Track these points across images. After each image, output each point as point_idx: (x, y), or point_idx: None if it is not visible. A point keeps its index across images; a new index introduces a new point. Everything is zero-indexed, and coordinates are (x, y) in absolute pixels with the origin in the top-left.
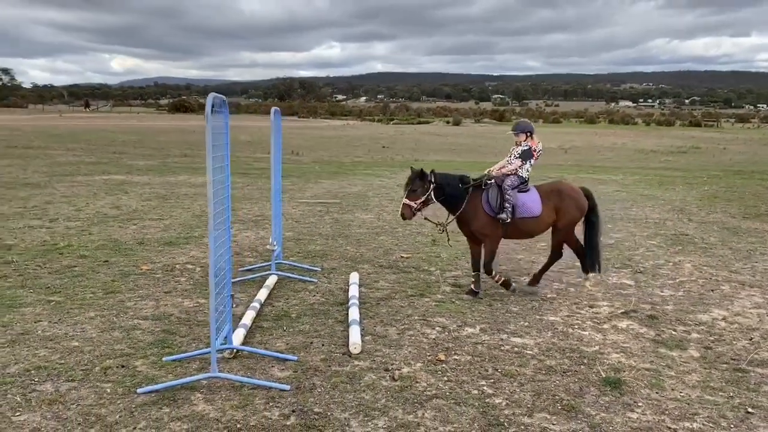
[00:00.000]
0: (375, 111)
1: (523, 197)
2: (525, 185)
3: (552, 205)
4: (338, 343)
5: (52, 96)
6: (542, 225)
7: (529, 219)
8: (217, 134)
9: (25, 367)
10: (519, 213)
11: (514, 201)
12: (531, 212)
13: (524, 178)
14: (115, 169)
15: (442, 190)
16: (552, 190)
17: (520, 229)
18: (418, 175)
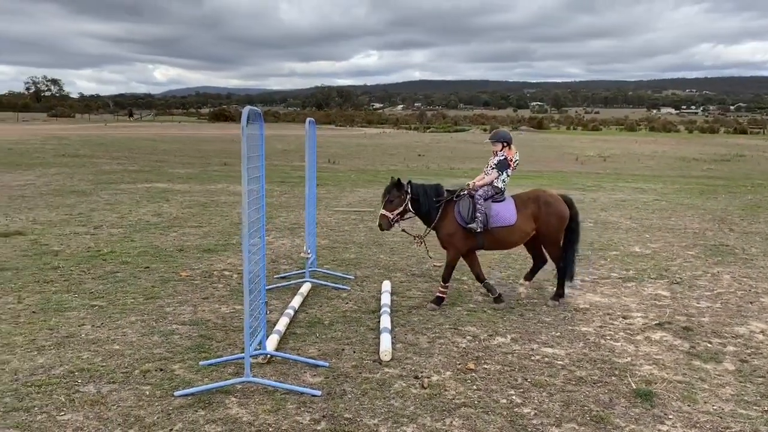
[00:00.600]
0: (411, 119)
1: (498, 207)
2: (501, 195)
3: (529, 213)
4: (369, 350)
5: (98, 106)
6: (518, 234)
7: (504, 228)
8: (253, 145)
9: (70, 368)
10: (492, 223)
11: (488, 211)
12: (505, 221)
13: (500, 188)
14: (156, 177)
15: (418, 201)
16: (529, 198)
17: (496, 239)
18: (395, 185)
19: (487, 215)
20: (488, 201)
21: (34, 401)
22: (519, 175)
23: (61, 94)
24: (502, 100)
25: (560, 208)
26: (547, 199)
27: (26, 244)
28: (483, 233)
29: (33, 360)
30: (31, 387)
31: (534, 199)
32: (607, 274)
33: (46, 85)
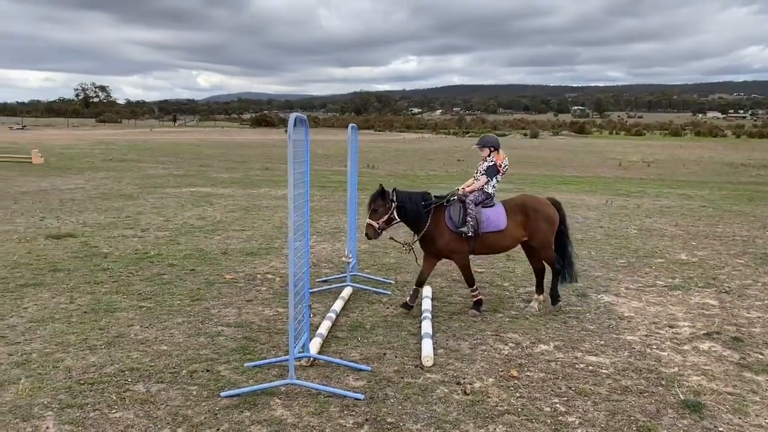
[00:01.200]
0: (450, 124)
1: (488, 212)
2: (490, 200)
3: (519, 219)
4: (411, 355)
5: (143, 111)
6: (509, 239)
7: (494, 233)
8: (298, 151)
9: (120, 368)
10: (483, 228)
11: (478, 216)
12: (496, 226)
13: (490, 193)
14: (201, 182)
15: (404, 209)
16: (517, 203)
17: (487, 244)
18: (380, 194)
19: (478, 220)
20: (479, 206)
21: (87, 399)
22: (559, 180)
23: (109, 100)
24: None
25: (549, 212)
26: (535, 204)
27: (77, 245)
28: (474, 238)
29: (85, 359)
30: (84, 385)
31: (522, 205)
32: (653, 282)
33: (95, 91)
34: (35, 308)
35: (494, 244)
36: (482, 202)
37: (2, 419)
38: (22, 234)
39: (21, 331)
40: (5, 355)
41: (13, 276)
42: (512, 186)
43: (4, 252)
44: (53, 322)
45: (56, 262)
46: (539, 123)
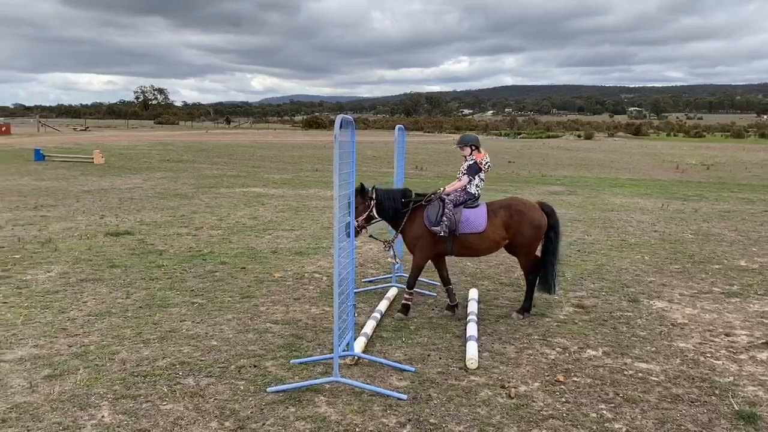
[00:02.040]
0: (501, 125)
1: (468, 213)
2: (474, 201)
3: (500, 221)
4: (455, 357)
5: (199, 113)
6: (488, 242)
7: (473, 235)
8: (344, 152)
9: (171, 361)
10: (462, 229)
11: (458, 217)
12: (474, 228)
13: (473, 193)
14: (253, 182)
15: (383, 207)
16: (502, 205)
17: (466, 245)
18: (359, 191)
19: (457, 221)
20: (459, 207)
21: (140, 390)
22: (612, 182)
23: (167, 102)
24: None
25: (533, 216)
26: (519, 207)
27: (134, 243)
28: (452, 239)
29: (139, 352)
30: (137, 377)
31: (506, 207)
32: (708, 289)
33: (153, 94)
34: (94, 302)
35: (473, 246)
36: (464, 202)
37: (62, 407)
38: (83, 231)
39: (80, 323)
40: (65, 346)
41: (74, 271)
42: (564, 188)
43: (66, 248)
44: (110, 316)
45: (114, 258)
46: (594, 124)
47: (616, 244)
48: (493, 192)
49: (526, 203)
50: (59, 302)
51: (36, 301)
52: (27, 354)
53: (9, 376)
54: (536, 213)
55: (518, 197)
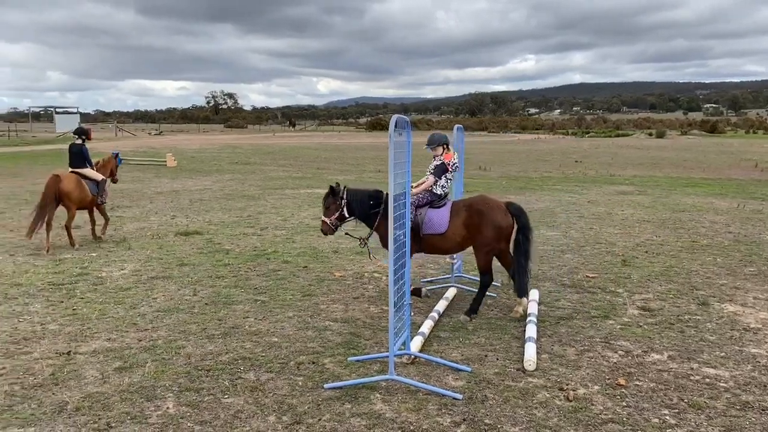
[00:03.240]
0: (569, 124)
1: (432, 214)
2: (440, 201)
3: (461, 221)
4: (513, 358)
5: (267, 117)
6: (450, 242)
7: (435, 236)
8: (400, 152)
9: (234, 356)
10: (425, 230)
11: (421, 218)
12: (436, 230)
13: (438, 194)
14: (317, 183)
15: (352, 207)
16: (465, 205)
17: (430, 245)
18: (330, 192)
19: (420, 222)
20: (425, 207)
21: (203, 384)
22: (685, 182)
23: (236, 106)
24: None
25: (495, 217)
26: (480, 207)
27: (203, 242)
28: (419, 239)
29: (204, 347)
30: (201, 371)
31: (468, 207)
32: None
33: (223, 98)
34: (163, 299)
35: (438, 245)
36: (429, 203)
37: (130, 398)
38: (155, 231)
39: (150, 319)
40: (135, 340)
41: (145, 269)
42: (633, 188)
43: (139, 247)
44: (178, 312)
45: (183, 257)
46: (666, 122)
47: (687, 245)
48: (559, 192)
49: (489, 203)
50: (131, 298)
51: (110, 297)
52: (100, 347)
53: (83, 367)
54: (498, 214)
55: (485, 196)
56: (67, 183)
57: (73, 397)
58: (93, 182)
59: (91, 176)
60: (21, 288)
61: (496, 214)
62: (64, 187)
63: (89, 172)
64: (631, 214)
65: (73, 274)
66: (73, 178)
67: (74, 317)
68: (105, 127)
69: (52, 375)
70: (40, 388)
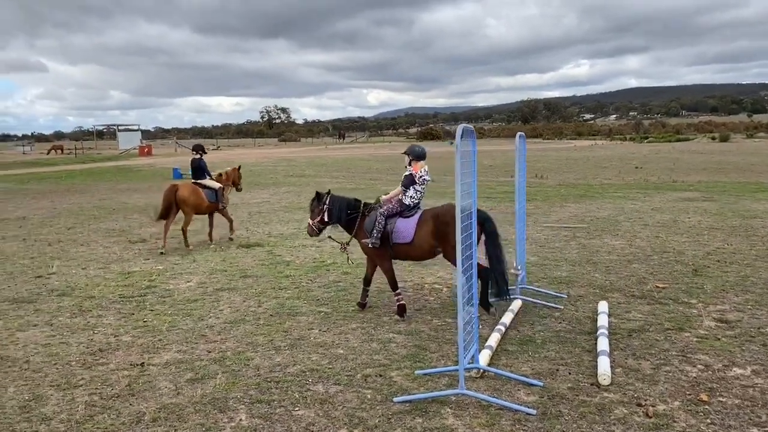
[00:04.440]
0: (626, 129)
1: (400, 224)
2: (410, 211)
3: (429, 230)
4: (586, 372)
5: (319, 130)
6: (418, 251)
7: (404, 245)
8: (465, 162)
9: (301, 368)
10: (393, 239)
11: (391, 227)
12: (403, 239)
13: (407, 204)
14: (370, 194)
15: (332, 212)
16: (432, 215)
17: (401, 252)
18: (315, 197)
19: (390, 231)
20: (395, 217)
21: (274, 395)
22: (754, 187)
23: (289, 120)
24: (733, 105)
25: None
26: (447, 217)
27: (263, 254)
28: (390, 246)
29: (271, 358)
30: (270, 382)
31: (435, 216)
32: None
33: (277, 113)
34: (229, 310)
35: (408, 253)
36: (399, 213)
37: (203, 409)
38: (217, 243)
39: (218, 330)
40: (205, 351)
41: (210, 281)
42: (699, 194)
43: (203, 260)
44: (244, 324)
45: (246, 269)
46: (729, 125)
47: (762, 253)
48: (621, 200)
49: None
50: (198, 310)
51: (178, 309)
52: (172, 358)
53: (157, 379)
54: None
55: (452, 205)
56: (182, 191)
57: (149, 408)
58: (211, 191)
59: (209, 185)
60: (94, 301)
61: None
62: (179, 195)
63: (207, 182)
64: (699, 221)
65: (142, 286)
66: (188, 187)
67: (145, 329)
68: (165, 143)
69: (128, 386)
70: (118, 399)
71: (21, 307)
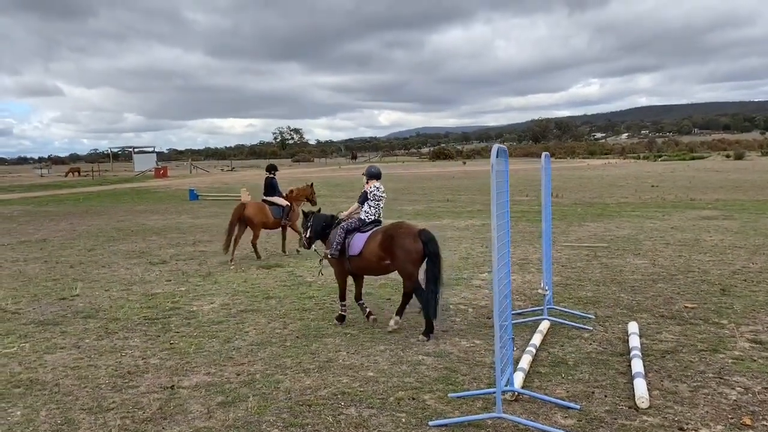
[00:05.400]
0: (639, 148)
1: (356, 238)
2: (366, 226)
3: (376, 243)
4: (622, 395)
5: (331, 150)
6: (367, 263)
7: (355, 258)
8: (500, 181)
9: (333, 391)
10: (348, 252)
11: (348, 241)
12: (353, 252)
13: (363, 219)
14: (387, 214)
15: (314, 228)
16: (382, 229)
17: (356, 266)
18: (304, 215)
19: (347, 245)
20: (353, 232)
21: (306, 419)
22: (762, 207)
23: (302, 141)
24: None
25: (403, 242)
26: (391, 232)
27: (285, 275)
28: (348, 259)
29: (301, 381)
30: (302, 406)
31: (383, 232)
32: None
33: (290, 134)
34: (255, 332)
35: (358, 266)
36: (357, 228)
37: None
38: (238, 264)
39: (245, 353)
40: (234, 374)
41: (233, 302)
42: (718, 213)
43: (225, 281)
44: (271, 346)
45: (268, 290)
46: (743, 143)
47: None
48: (639, 218)
49: (400, 229)
50: (224, 332)
51: (203, 331)
52: (201, 381)
53: (188, 402)
54: (407, 240)
55: (401, 223)
56: (249, 209)
57: None
58: (279, 207)
59: (278, 203)
60: (119, 323)
61: (405, 240)
62: (246, 213)
63: (276, 199)
64: (721, 240)
65: (166, 308)
66: (255, 205)
67: (172, 351)
68: (179, 164)
69: (159, 409)
70: (150, 423)
71: (47, 329)
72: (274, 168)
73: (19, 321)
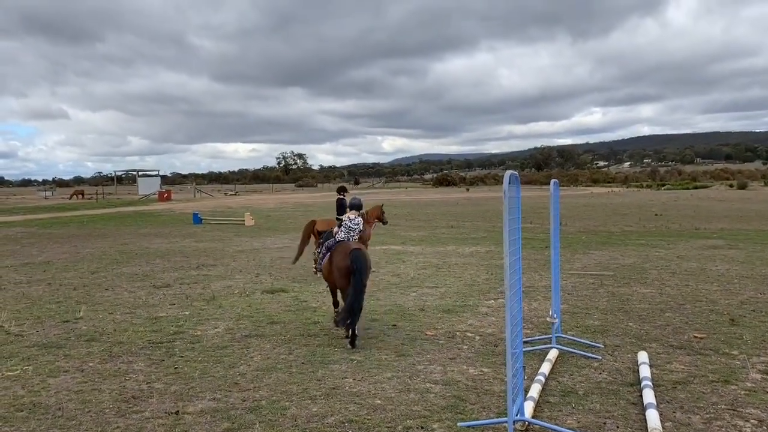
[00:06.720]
0: (641, 176)
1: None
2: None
3: (327, 261)
4: (634, 426)
5: (335, 175)
6: (327, 276)
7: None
8: (512, 208)
9: (340, 419)
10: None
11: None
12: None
13: (336, 240)
14: (391, 240)
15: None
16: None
17: (324, 278)
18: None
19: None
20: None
21: None
22: (767, 237)
23: (306, 166)
24: (747, 153)
25: (337, 259)
26: (334, 250)
27: (289, 300)
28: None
29: (308, 408)
30: None
31: (334, 250)
32: None
33: (293, 159)
34: (260, 358)
35: (326, 280)
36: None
37: None
38: (241, 289)
39: (250, 378)
40: (239, 400)
41: (238, 327)
42: (723, 242)
43: (229, 305)
44: (276, 372)
45: (273, 315)
46: (746, 173)
47: None
48: (644, 247)
49: (340, 248)
50: (228, 357)
51: (208, 356)
52: (206, 407)
53: (193, 428)
54: (340, 257)
55: (343, 243)
56: (319, 225)
57: None
58: None
59: None
60: (123, 346)
61: (337, 257)
62: (317, 228)
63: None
64: (727, 269)
65: (170, 332)
66: (325, 222)
67: (177, 376)
68: (183, 188)
69: None
70: None
71: (50, 352)
72: (344, 189)
73: (22, 343)
